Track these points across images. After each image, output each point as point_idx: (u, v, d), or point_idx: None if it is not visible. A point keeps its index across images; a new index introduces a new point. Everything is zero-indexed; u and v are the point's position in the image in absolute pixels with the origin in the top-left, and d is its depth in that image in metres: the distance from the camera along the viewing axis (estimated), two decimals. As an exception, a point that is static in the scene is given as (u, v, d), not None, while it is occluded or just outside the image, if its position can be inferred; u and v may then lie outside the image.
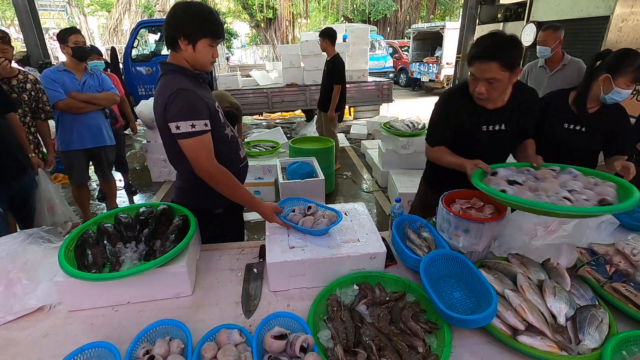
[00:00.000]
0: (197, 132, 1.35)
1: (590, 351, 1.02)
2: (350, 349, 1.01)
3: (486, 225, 1.32)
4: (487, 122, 1.57)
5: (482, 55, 1.33)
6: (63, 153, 3.06)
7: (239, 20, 23.42)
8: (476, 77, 1.38)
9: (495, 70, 1.33)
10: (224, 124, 1.55)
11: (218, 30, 1.41)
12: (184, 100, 1.34)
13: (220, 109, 1.56)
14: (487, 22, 6.35)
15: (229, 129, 1.59)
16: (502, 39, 1.35)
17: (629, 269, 1.29)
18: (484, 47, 1.34)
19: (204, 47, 1.39)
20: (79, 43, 2.86)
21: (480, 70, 1.35)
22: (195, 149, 1.38)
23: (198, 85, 1.45)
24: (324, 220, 1.45)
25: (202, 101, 1.39)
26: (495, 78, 1.36)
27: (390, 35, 21.04)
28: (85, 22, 21.99)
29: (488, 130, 1.58)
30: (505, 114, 1.57)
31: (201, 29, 1.37)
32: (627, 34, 4.12)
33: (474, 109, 1.55)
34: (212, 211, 1.63)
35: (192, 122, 1.33)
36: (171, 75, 1.41)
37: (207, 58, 1.43)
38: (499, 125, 1.58)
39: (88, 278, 1.16)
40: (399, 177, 3.94)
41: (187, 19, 1.36)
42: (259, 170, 4.08)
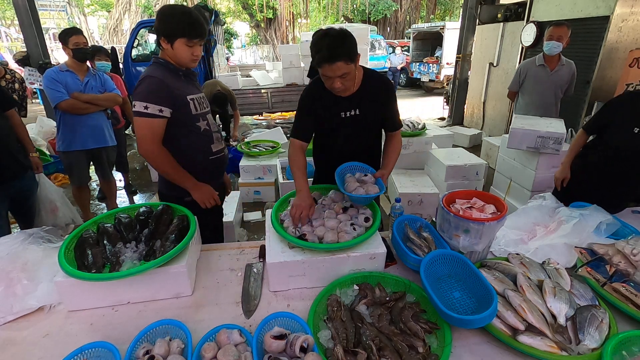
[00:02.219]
0: (147, 114, 1.47)
1: (590, 351, 1.02)
2: (350, 349, 1.01)
3: (486, 225, 1.32)
4: (344, 108, 1.67)
5: (328, 59, 1.41)
6: (64, 153, 3.06)
7: (239, 20, 23.41)
8: (329, 76, 1.48)
9: (343, 67, 1.44)
10: (197, 116, 1.63)
11: (193, 30, 1.50)
12: (146, 84, 1.49)
13: (197, 102, 1.63)
14: (487, 22, 6.35)
15: (206, 123, 1.68)
16: (336, 38, 1.43)
17: (629, 269, 1.29)
18: (325, 51, 1.41)
19: (181, 46, 1.51)
20: (79, 44, 2.85)
21: (331, 71, 1.44)
22: (142, 128, 1.49)
23: (174, 78, 1.56)
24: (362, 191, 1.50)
25: (166, 89, 1.50)
26: (345, 73, 1.46)
27: (390, 35, 21.03)
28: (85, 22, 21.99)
29: (346, 116, 1.68)
30: (356, 100, 1.66)
31: (177, 30, 1.49)
32: (627, 34, 4.12)
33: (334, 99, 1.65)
34: (182, 199, 1.67)
35: (146, 104, 1.46)
36: (153, 66, 1.57)
37: (186, 56, 1.54)
38: (354, 110, 1.67)
39: (88, 278, 1.16)
40: (399, 177, 3.94)
41: (166, 21, 1.50)
42: (259, 170, 4.08)
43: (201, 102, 1.68)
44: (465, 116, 7.49)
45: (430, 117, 8.65)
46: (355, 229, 1.41)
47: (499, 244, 1.57)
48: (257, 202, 4.11)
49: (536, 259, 1.38)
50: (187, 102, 1.58)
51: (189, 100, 1.59)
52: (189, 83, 1.65)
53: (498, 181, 3.77)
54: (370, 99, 1.67)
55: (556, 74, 3.23)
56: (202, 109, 1.68)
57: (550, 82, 3.26)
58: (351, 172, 1.66)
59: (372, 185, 1.53)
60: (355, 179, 1.59)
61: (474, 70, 7.04)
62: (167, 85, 1.50)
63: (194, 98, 1.62)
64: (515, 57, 5.70)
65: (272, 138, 4.91)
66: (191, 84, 1.66)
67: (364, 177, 1.59)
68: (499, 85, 6.21)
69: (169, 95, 1.50)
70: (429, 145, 4.24)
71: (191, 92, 1.62)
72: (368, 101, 1.67)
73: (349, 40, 1.44)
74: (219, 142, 1.76)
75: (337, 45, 1.42)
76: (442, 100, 9.12)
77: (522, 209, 1.75)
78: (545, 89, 3.31)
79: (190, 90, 1.62)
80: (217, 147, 1.74)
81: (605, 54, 4.18)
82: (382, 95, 1.70)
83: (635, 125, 1.75)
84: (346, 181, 1.57)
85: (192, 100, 1.61)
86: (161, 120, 1.50)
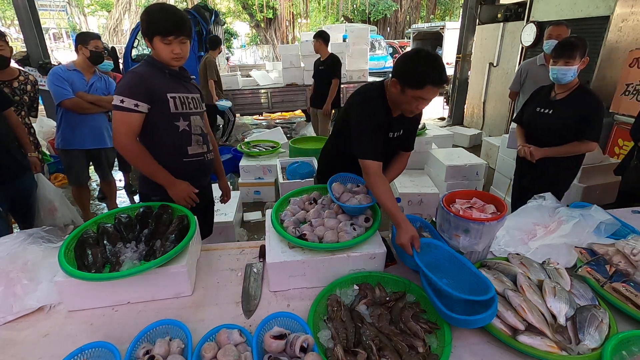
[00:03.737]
0: (123, 107, 1.47)
1: (590, 351, 1.02)
2: (350, 349, 1.01)
3: (486, 225, 1.32)
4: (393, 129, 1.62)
5: (438, 83, 1.34)
6: (63, 152, 3.06)
7: (239, 20, 23.40)
8: (427, 99, 1.40)
9: (436, 93, 1.39)
10: (177, 115, 1.61)
11: (165, 27, 1.48)
12: (126, 79, 1.51)
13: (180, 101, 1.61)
14: (487, 22, 6.35)
15: (188, 124, 1.65)
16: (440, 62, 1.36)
17: (629, 269, 1.29)
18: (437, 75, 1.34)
19: (158, 44, 1.51)
20: (98, 48, 2.92)
21: (432, 94, 1.38)
22: (117, 122, 1.50)
23: (158, 75, 1.56)
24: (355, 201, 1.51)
25: (143, 85, 1.50)
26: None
27: (390, 35, 21.03)
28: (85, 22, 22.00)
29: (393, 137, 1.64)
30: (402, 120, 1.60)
31: (152, 27, 1.50)
32: (627, 34, 4.12)
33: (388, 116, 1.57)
34: (149, 197, 1.68)
35: (122, 97, 1.47)
36: (141, 63, 1.60)
37: (165, 54, 1.52)
38: (399, 131, 1.64)
39: (88, 278, 1.16)
40: (399, 177, 3.93)
41: (144, 19, 1.51)
42: (259, 170, 4.08)
43: (187, 102, 1.64)
44: (465, 116, 7.49)
45: (430, 117, 8.65)
46: (355, 229, 1.41)
47: (499, 244, 1.57)
48: (257, 202, 4.11)
49: (536, 259, 1.38)
50: (166, 99, 1.56)
51: (169, 98, 1.57)
52: (176, 82, 1.63)
53: (498, 181, 3.77)
54: (410, 120, 1.64)
55: (556, 74, 3.22)
56: (186, 109, 1.64)
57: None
58: (342, 182, 1.65)
59: (365, 196, 1.53)
60: (349, 189, 1.59)
61: (474, 70, 7.03)
62: (146, 81, 1.51)
63: (177, 97, 1.60)
64: (515, 57, 5.69)
65: (272, 138, 4.91)
66: (179, 83, 1.64)
67: (355, 188, 1.60)
68: (499, 85, 6.21)
69: (146, 90, 1.50)
70: (429, 145, 4.24)
71: (175, 90, 1.60)
72: (408, 122, 1.64)
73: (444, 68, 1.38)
74: (198, 145, 1.71)
75: (444, 69, 1.36)
76: (442, 100, 9.12)
77: (522, 209, 1.75)
78: (545, 89, 3.31)
79: (174, 88, 1.60)
80: (194, 150, 1.69)
81: (605, 54, 4.18)
82: (418, 117, 1.70)
83: (537, 106, 2.22)
84: (336, 191, 1.56)
85: (174, 98, 1.58)
86: (137, 114, 1.50)
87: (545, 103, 2.17)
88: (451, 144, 4.67)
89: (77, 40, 2.92)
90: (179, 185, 1.63)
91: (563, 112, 2.08)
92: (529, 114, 2.29)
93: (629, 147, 2.72)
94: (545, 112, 2.15)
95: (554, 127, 2.11)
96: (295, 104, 7.89)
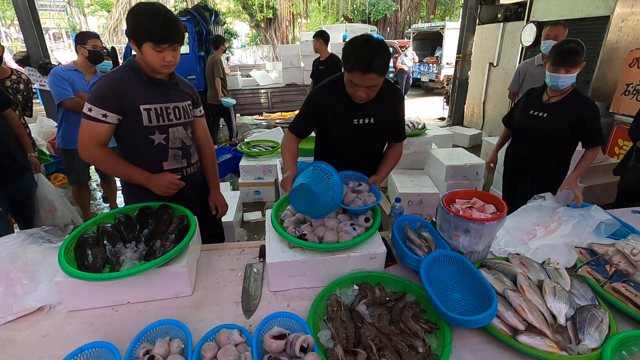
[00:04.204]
0: (90, 116, 1.39)
1: (590, 351, 1.02)
2: (350, 349, 1.01)
3: (486, 225, 1.32)
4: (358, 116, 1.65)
5: (364, 69, 1.38)
6: (63, 151, 3.06)
7: (239, 20, 23.40)
8: (357, 85, 1.45)
9: (375, 79, 1.42)
10: (152, 128, 1.49)
11: (160, 34, 1.33)
12: (98, 86, 1.42)
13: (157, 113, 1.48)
14: (487, 22, 6.36)
15: (164, 137, 1.53)
16: (376, 49, 1.39)
17: (629, 269, 1.29)
18: (364, 60, 1.37)
19: (148, 51, 1.36)
20: (97, 47, 2.91)
21: (362, 80, 1.42)
22: (83, 130, 1.43)
23: (135, 83, 1.44)
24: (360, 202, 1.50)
25: (114, 94, 1.39)
26: (374, 85, 1.45)
27: (390, 35, 21.02)
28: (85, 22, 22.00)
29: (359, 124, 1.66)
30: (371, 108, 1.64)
31: (143, 32, 1.35)
32: (627, 34, 4.12)
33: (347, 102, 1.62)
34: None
35: (90, 106, 1.39)
36: (122, 65, 1.50)
37: (154, 61, 1.38)
38: (368, 118, 1.66)
39: (88, 278, 1.16)
40: (399, 177, 3.94)
41: (133, 21, 1.35)
42: (259, 170, 4.08)
43: (165, 113, 1.50)
44: (465, 116, 7.49)
45: (430, 117, 8.65)
46: (355, 229, 1.41)
47: (499, 244, 1.57)
48: (257, 202, 4.11)
49: (536, 259, 1.38)
50: (139, 111, 1.44)
51: (142, 110, 1.44)
52: (156, 90, 1.49)
53: (498, 181, 3.77)
54: (385, 109, 1.66)
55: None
56: (164, 121, 1.50)
57: None
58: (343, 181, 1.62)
59: (368, 195, 1.53)
60: (350, 189, 1.58)
61: (474, 70, 7.04)
62: (118, 89, 1.40)
63: (153, 108, 1.47)
64: (515, 57, 5.70)
65: (272, 138, 4.91)
66: (159, 92, 1.49)
67: (358, 187, 1.59)
68: (499, 85, 6.21)
69: (116, 100, 1.39)
70: (429, 145, 4.24)
71: (152, 100, 1.47)
72: (383, 110, 1.66)
73: (386, 54, 1.41)
74: (176, 160, 1.59)
75: (376, 56, 1.38)
76: (442, 100, 9.13)
77: (522, 209, 1.75)
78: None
79: (151, 98, 1.46)
80: (170, 165, 1.58)
81: (605, 54, 4.18)
82: (395, 105, 1.70)
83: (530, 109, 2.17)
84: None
85: (148, 110, 1.46)
86: (105, 125, 1.41)
87: (539, 106, 2.14)
88: (451, 144, 4.67)
89: (75, 41, 2.93)
90: (158, 178, 1.51)
91: (558, 115, 2.06)
92: (521, 116, 2.25)
93: (629, 147, 2.72)
94: (540, 116, 2.11)
95: (549, 130, 2.09)
96: (295, 104, 7.89)
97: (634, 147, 2.47)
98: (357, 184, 1.61)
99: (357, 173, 1.68)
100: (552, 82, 2.00)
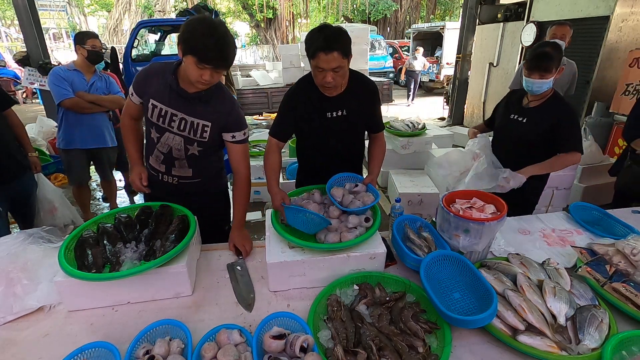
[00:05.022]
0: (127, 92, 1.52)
1: (590, 351, 1.02)
2: (350, 349, 1.01)
3: (486, 225, 1.32)
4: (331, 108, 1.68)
5: (325, 48, 1.42)
6: (64, 151, 3.07)
7: (239, 20, 23.40)
8: (322, 68, 1.48)
9: (338, 59, 1.45)
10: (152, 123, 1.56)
11: (207, 54, 1.31)
12: (143, 69, 1.58)
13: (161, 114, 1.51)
14: (487, 22, 6.36)
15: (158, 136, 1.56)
16: (333, 31, 1.46)
17: (629, 269, 1.29)
18: (322, 41, 1.43)
19: (190, 64, 1.34)
20: (95, 47, 2.91)
21: (326, 61, 1.45)
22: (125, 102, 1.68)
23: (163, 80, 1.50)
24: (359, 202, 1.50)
25: (143, 81, 1.54)
26: (339, 66, 1.47)
27: (390, 35, 21.02)
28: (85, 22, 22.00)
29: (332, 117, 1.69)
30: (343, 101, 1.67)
31: (191, 46, 1.32)
32: (627, 34, 4.12)
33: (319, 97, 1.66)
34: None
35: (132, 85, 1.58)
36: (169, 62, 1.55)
37: (192, 75, 1.36)
38: (341, 111, 1.68)
39: (88, 278, 1.16)
40: (398, 177, 3.94)
41: (187, 29, 1.33)
42: (259, 170, 4.07)
43: (168, 118, 1.51)
44: (465, 116, 7.49)
45: (430, 117, 8.65)
46: (356, 229, 1.41)
47: (499, 244, 1.57)
48: (257, 202, 4.11)
49: (536, 259, 1.38)
50: (148, 103, 1.52)
51: (150, 105, 1.51)
52: (172, 96, 1.49)
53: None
54: (357, 101, 1.68)
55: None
56: (163, 124, 1.53)
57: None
58: (339, 184, 1.65)
59: (367, 195, 1.54)
60: (348, 190, 1.58)
61: (474, 70, 7.04)
62: (147, 78, 1.54)
63: (159, 107, 1.50)
64: (515, 57, 5.70)
65: (272, 138, 4.90)
66: (173, 98, 1.49)
67: (355, 188, 1.59)
68: (499, 85, 6.21)
69: (141, 87, 1.55)
70: (429, 145, 4.24)
71: (162, 101, 1.50)
72: (355, 103, 1.68)
73: (345, 36, 1.47)
74: (156, 161, 1.63)
75: (334, 37, 1.44)
76: (442, 100, 9.13)
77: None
78: (545, 89, 3.30)
79: (163, 99, 1.49)
80: (152, 162, 1.65)
81: (605, 54, 4.19)
82: (368, 97, 1.72)
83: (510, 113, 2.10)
84: (337, 196, 1.53)
85: (155, 107, 1.51)
86: (131, 103, 1.61)
87: (519, 110, 2.05)
88: (451, 144, 4.66)
89: (75, 41, 2.93)
90: (134, 170, 1.70)
91: (537, 120, 1.96)
92: (502, 119, 2.16)
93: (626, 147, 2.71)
94: (519, 120, 2.02)
95: (528, 135, 1.99)
96: (295, 104, 7.87)
97: (629, 148, 2.46)
98: (354, 185, 1.61)
99: (351, 174, 1.69)
100: (527, 87, 1.94)
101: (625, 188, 2.51)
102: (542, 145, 1.96)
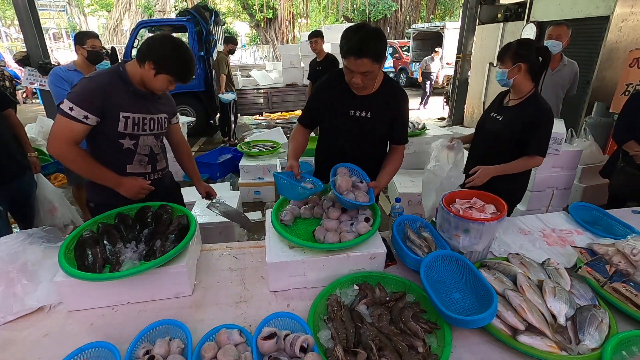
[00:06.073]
0: (70, 115, 1.38)
1: (590, 351, 1.02)
2: (350, 349, 1.01)
3: (486, 225, 1.32)
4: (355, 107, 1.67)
5: (356, 52, 1.41)
6: None
7: (239, 20, 23.40)
8: (352, 70, 1.47)
9: (368, 65, 1.43)
10: (125, 134, 1.53)
11: (179, 74, 1.50)
12: (83, 86, 1.44)
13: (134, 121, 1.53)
14: (487, 22, 6.36)
15: (134, 143, 1.57)
16: (370, 34, 1.42)
17: (629, 269, 1.29)
18: (356, 44, 1.40)
19: (163, 81, 1.50)
20: (95, 47, 2.91)
21: (355, 65, 1.44)
22: (60, 127, 1.41)
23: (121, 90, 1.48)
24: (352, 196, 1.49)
25: (100, 98, 1.42)
26: (368, 71, 1.46)
27: (390, 35, 21.01)
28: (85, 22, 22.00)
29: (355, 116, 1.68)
30: (370, 102, 1.66)
31: (167, 68, 1.46)
32: (627, 34, 4.12)
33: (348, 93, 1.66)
34: (88, 203, 1.70)
35: (72, 105, 1.39)
36: (109, 70, 1.53)
37: (160, 88, 1.53)
38: (365, 112, 1.67)
39: (88, 278, 1.16)
40: (399, 177, 3.94)
41: (163, 50, 1.45)
42: (259, 170, 4.08)
43: (141, 123, 1.55)
44: (465, 116, 7.49)
45: (430, 117, 8.65)
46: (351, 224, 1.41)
47: (499, 244, 1.57)
48: (257, 202, 4.11)
49: (536, 259, 1.38)
50: (118, 117, 1.48)
51: (121, 117, 1.48)
52: (139, 100, 1.54)
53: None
54: (384, 105, 1.66)
55: (557, 74, 3.22)
56: (137, 131, 1.55)
57: (551, 82, 3.24)
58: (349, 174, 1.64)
59: (363, 194, 1.50)
60: (352, 181, 1.57)
61: (474, 70, 7.04)
62: (105, 94, 1.43)
63: (132, 117, 1.51)
64: (515, 57, 5.69)
65: (272, 138, 4.91)
66: (141, 102, 1.54)
67: (358, 183, 1.57)
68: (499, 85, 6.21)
69: (101, 104, 1.42)
70: (429, 145, 4.22)
71: (134, 109, 1.52)
72: (381, 107, 1.66)
73: (380, 41, 1.43)
74: (140, 165, 1.63)
75: (369, 41, 1.40)
76: (442, 100, 9.13)
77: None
78: (546, 89, 3.29)
79: (133, 107, 1.51)
80: (134, 169, 1.62)
81: (605, 54, 4.19)
82: (396, 104, 1.69)
83: (491, 110, 2.11)
84: (340, 179, 1.51)
85: (127, 118, 1.50)
86: (84, 126, 1.42)
87: (498, 108, 2.06)
88: (451, 144, 4.66)
89: (74, 41, 2.93)
90: (127, 182, 1.55)
91: (511, 119, 1.94)
92: (483, 116, 2.19)
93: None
94: (497, 118, 2.03)
95: (500, 134, 1.97)
96: (296, 104, 7.90)
97: (620, 150, 2.45)
98: (359, 180, 1.61)
99: (361, 170, 1.66)
100: (496, 78, 2.00)
101: (619, 190, 2.50)
102: (515, 145, 1.93)
